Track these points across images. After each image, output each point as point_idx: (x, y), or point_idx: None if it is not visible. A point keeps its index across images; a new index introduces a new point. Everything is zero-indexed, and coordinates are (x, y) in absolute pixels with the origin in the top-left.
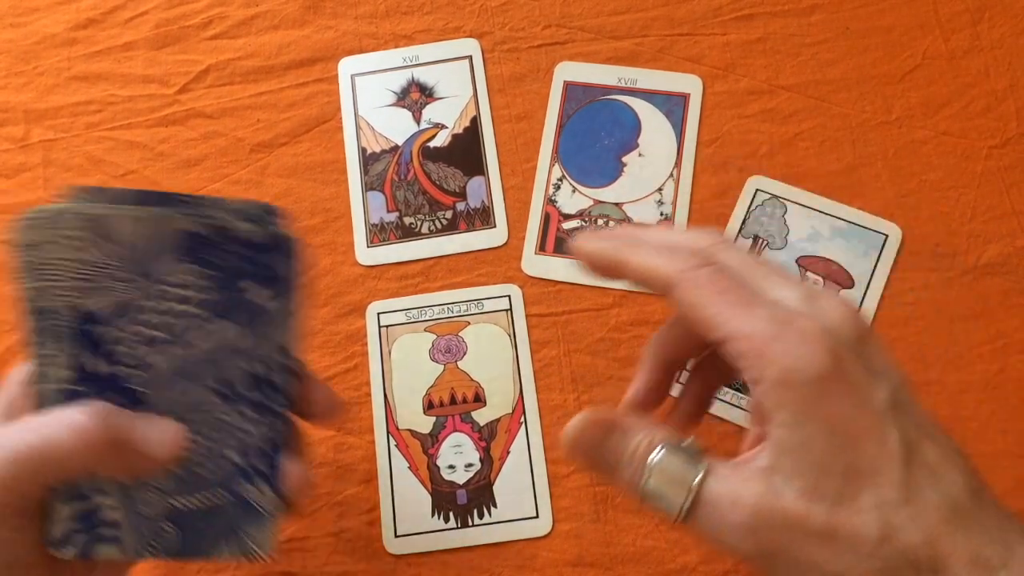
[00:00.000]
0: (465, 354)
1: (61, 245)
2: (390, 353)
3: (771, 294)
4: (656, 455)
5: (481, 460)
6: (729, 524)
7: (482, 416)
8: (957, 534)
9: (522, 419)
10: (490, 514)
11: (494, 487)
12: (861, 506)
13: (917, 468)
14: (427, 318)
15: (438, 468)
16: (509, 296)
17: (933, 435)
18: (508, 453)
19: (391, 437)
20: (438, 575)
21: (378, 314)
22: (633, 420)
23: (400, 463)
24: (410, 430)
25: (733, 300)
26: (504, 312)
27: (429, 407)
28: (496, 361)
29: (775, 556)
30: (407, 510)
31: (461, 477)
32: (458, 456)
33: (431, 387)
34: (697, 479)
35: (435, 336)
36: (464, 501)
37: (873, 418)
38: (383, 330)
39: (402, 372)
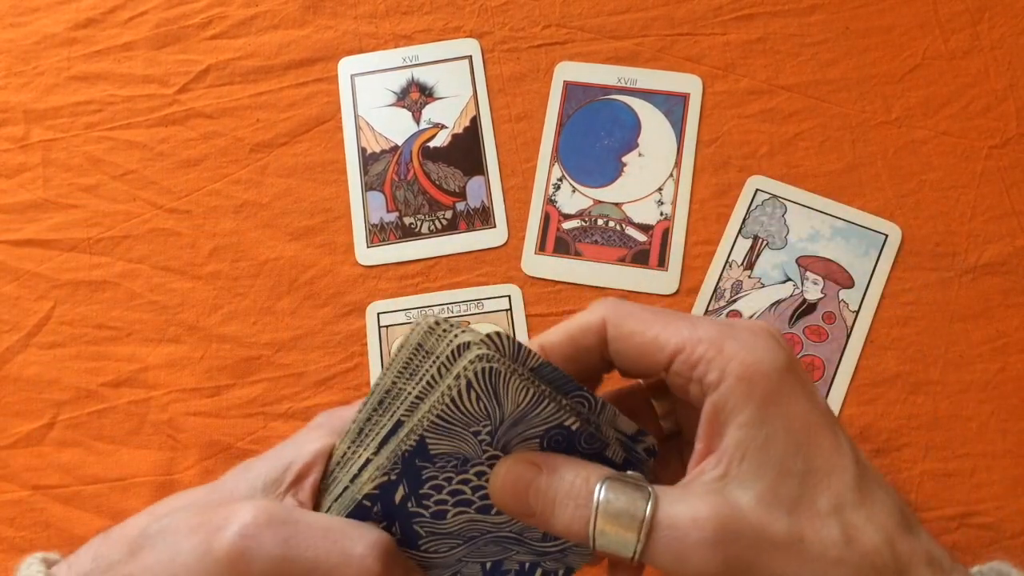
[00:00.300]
0: None
1: (456, 381)
2: (390, 353)
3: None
4: (599, 492)
5: None
6: (692, 545)
7: None
8: (909, 534)
9: None
10: None
11: None
12: (820, 509)
13: (863, 468)
14: None
15: None
16: (509, 296)
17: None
18: None
19: None
20: None
21: (378, 314)
22: (561, 459)
23: None
24: None
25: (671, 318)
26: (504, 312)
27: None
28: None
29: (744, 574)
30: None
31: None
32: None
33: None
34: (649, 507)
35: None
36: None
37: (825, 417)
38: (383, 330)
39: None
